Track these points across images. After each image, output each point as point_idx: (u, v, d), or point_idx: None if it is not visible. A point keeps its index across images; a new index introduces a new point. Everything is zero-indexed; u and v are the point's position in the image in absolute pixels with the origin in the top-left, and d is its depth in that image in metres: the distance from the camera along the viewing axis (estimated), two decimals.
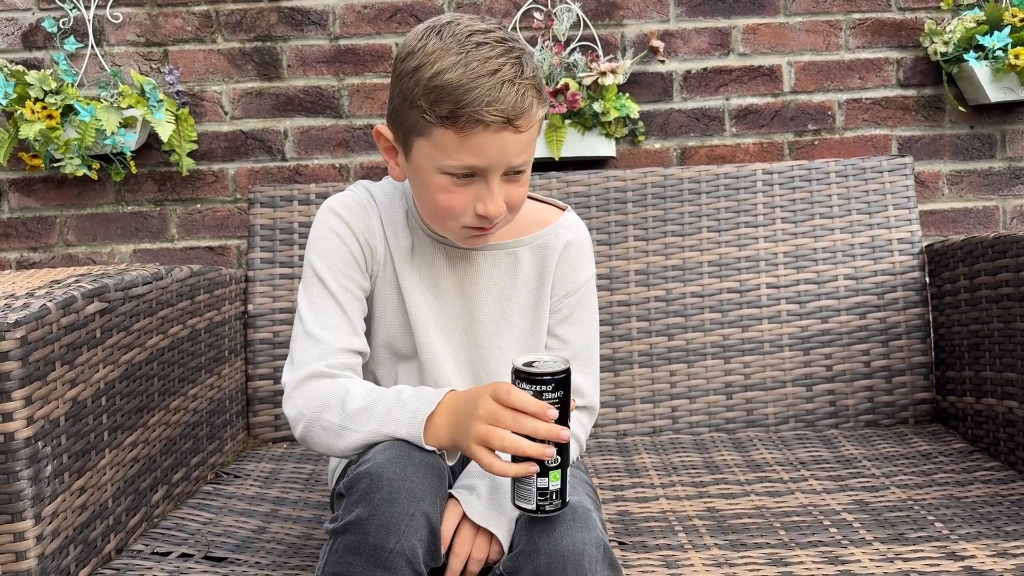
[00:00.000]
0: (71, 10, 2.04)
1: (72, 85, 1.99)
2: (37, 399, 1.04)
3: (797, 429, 1.74)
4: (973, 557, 1.13)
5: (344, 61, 2.10)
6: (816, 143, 2.12)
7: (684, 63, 2.11)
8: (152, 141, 2.04)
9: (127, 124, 1.94)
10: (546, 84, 1.89)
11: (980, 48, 1.98)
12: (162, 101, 1.95)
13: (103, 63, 2.07)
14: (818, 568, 1.12)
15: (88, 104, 1.90)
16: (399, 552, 0.90)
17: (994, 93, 1.98)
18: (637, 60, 2.06)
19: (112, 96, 1.95)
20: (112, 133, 1.89)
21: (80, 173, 1.96)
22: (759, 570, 1.12)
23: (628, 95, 2.02)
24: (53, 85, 1.94)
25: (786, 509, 1.34)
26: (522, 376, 0.93)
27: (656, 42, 2.04)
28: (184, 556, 1.22)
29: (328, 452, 1.06)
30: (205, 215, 2.12)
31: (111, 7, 2.06)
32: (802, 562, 1.14)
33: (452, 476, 1.07)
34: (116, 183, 2.10)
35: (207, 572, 1.16)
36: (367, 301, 1.15)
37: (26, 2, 2.07)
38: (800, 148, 2.12)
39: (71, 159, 1.94)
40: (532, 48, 2.00)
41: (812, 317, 1.77)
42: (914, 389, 1.75)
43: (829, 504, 1.35)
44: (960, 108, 2.07)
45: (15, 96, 1.91)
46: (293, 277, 1.79)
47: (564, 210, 1.22)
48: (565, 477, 0.95)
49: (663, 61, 2.08)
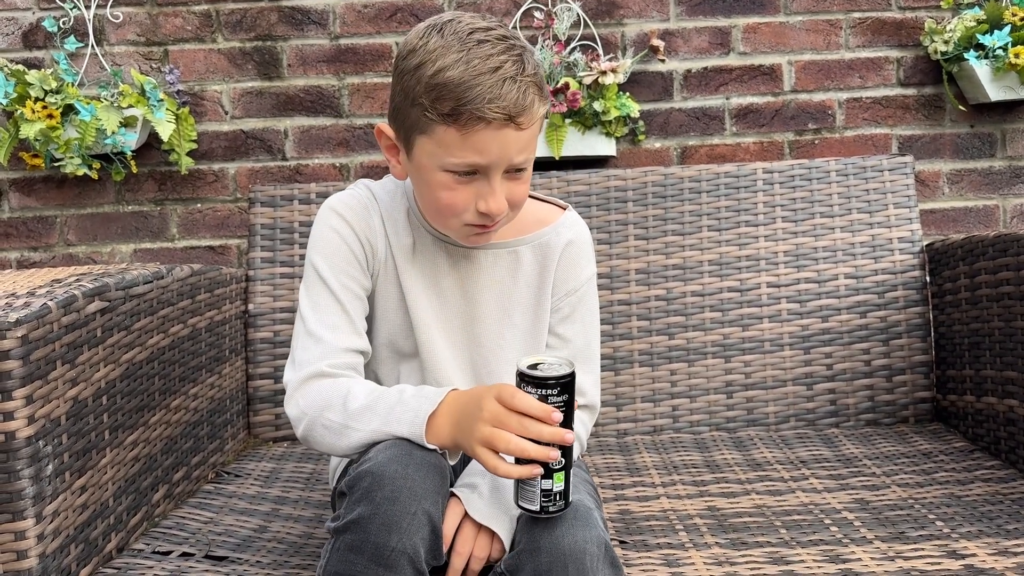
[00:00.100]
0: (71, 10, 2.04)
1: (72, 85, 1.99)
2: (38, 398, 1.04)
3: (798, 428, 1.74)
4: (974, 555, 1.13)
5: (344, 60, 2.10)
6: (816, 142, 2.12)
7: (684, 62, 2.11)
8: (152, 141, 2.04)
9: (127, 124, 1.94)
10: (546, 83, 1.89)
11: (980, 47, 1.98)
12: (162, 100, 1.95)
13: (103, 63, 2.07)
14: (819, 567, 1.12)
15: (88, 104, 1.90)
16: (401, 551, 0.90)
17: (994, 92, 1.98)
18: (637, 59, 2.06)
19: (112, 96, 1.95)
20: (112, 133, 1.89)
21: (80, 173, 1.96)
22: (760, 569, 1.13)
23: (628, 94, 2.02)
24: (53, 85, 1.94)
25: (787, 508, 1.34)
26: (527, 379, 0.93)
27: (656, 41, 2.04)
28: (185, 555, 1.22)
29: (330, 451, 1.06)
30: (205, 215, 2.11)
31: (111, 7, 2.06)
32: (803, 560, 1.14)
33: (453, 475, 1.07)
34: (116, 183, 2.10)
35: (208, 571, 1.16)
36: (368, 300, 1.15)
37: (26, 2, 2.07)
38: (800, 147, 2.12)
39: (71, 159, 1.94)
40: (532, 47, 2.00)
41: (812, 316, 1.77)
42: (915, 388, 1.75)
43: (830, 503, 1.35)
44: (960, 107, 2.07)
45: (15, 96, 1.91)
46: (293, 276, 1.79)
47: (565, 209, 1.22)
48: (568, 478, 0.95)
49: (663, 60, 2.08)
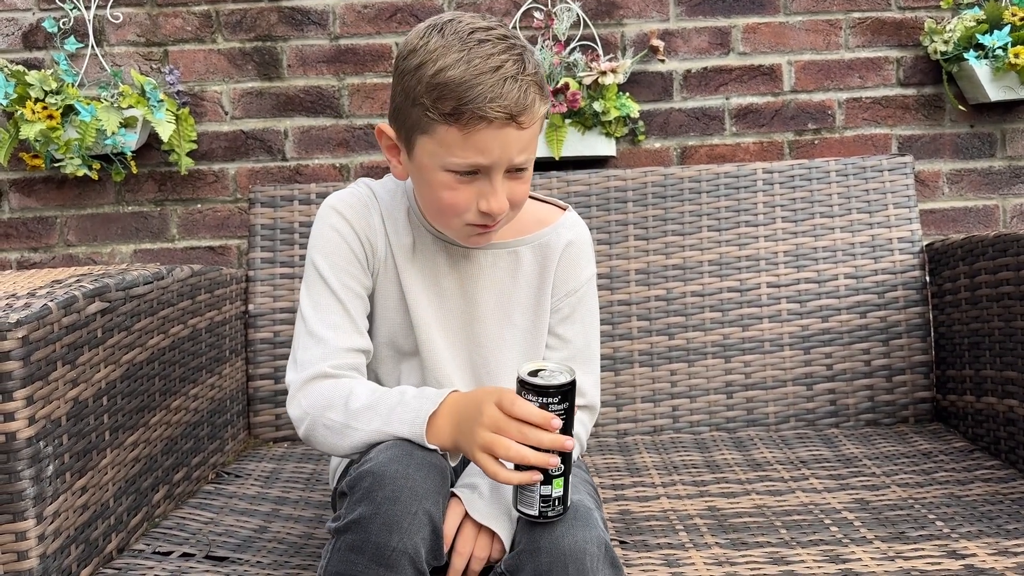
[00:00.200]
0: (71, 10, 2.04)
1: (72, 85, 1.99)
2: (38, 399, 1.04)
3: (798, 428, 1.74)
4: (974, 555, 1.13)
5: (344, 61, 2.10)
6: (816, 142, 2.12)
7: (684, 62, 2.11)
8: (152, 141, 2.04)
9: (127, 124, 1.94)
10: (547, 83, 1.89)
11: (980, 47, 1.98)
12: (162, 101, 1.95)
13: (103, 63, 2.07)
14: (819, 567, 1.12)
15: (88, 104, 1.90)
16: (402, 551, 0.90)
17: (994, 92, 1.98)
18: (637, 59, 2.06)
19: (112, 96, 1.95)
20: (112, 133, 1.89)
21: (80, 173, 1.96)
22: (760, 569, 1.13)
23: (628, 94, 2.02)
24: (53, 85, 1.94)
25: (787, 508, 1.34)
26: (527, 387, 0.92)
27: (656, 41, 2.04)
28: (185, 556, 1.22)
29: (331, 451, 1.06)
30: (205, 215, 2.11)
31: (111, 7, 2.06)
32: (803, 561, 1.14)
33: (454, 475, 1.07)
34: (116, 183, 2.10)
35: (208, 572, 1.16)
36: (369, 298, 1.15)
37: (26, 2, 2.07)
38: (800, 147, 2.12)
39: (71, 159, 1.94)
40: (532, 47, 2.00)
41: (812, 316, 1.77)
42: (914, 388, 1.75)
43: (830, 503, 1.35)
44: (960, 107, 2.07)
45: (15, 96, 1.91)
46: (294, 277, 1.79)
47: (565, 209, 1.22)
48: (567, 483, 0.95)
49: (663, 60, 2.08)
